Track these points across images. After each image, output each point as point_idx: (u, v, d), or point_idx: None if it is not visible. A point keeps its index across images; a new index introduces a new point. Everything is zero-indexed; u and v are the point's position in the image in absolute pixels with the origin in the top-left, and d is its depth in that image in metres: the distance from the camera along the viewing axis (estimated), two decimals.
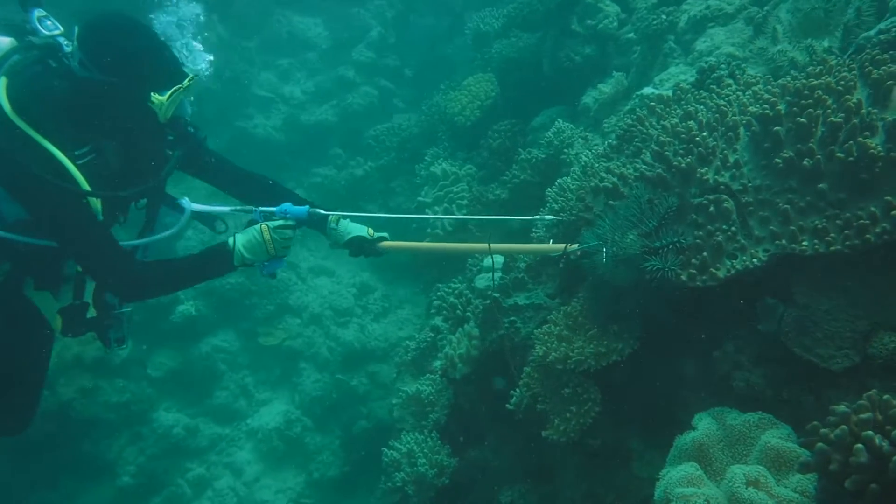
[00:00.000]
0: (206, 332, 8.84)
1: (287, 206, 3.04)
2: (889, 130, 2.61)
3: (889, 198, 2.51)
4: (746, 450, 2.84)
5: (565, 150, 5.36)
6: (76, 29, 2.74)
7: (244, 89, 10.44)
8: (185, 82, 2.76)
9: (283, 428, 8.30)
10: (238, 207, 3.14)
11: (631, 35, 5.87)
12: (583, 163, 4.25)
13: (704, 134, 3.11)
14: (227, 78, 9.96)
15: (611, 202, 3.49)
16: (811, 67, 3.08)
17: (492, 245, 3.29)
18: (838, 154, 2.65)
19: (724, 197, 2.98)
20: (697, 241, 3.00)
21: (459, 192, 6.36)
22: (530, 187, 5.72)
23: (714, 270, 2.92)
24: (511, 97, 7.02)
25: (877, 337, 2.60)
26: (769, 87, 3.19)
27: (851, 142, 2.63)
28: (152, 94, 2.69)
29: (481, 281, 5.43)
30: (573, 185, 4.27)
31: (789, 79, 3.08)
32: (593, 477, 3.85)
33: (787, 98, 2.90)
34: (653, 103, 3.74)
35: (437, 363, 4.96)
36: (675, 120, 3.40)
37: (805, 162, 2.73)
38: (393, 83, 11.11)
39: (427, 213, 6.37)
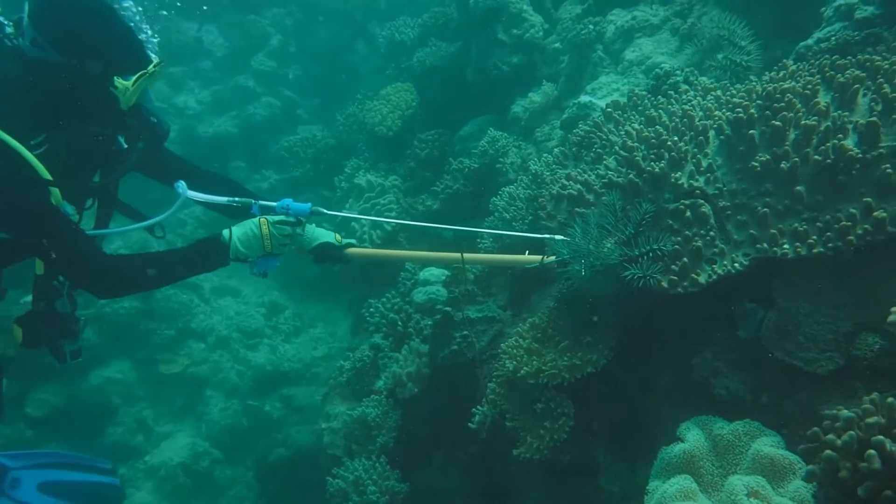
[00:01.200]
0: (97, 362, 8.06)
1: (288, 201, 2.84)
2: (861, 133, 2.65)
3: (868, 199, 2.54)
4: (737, 459, 2.79)
5: (500, 160, 5.27)
6: (27, 4, 2.43)
7: None
8: (151, 67, 2.57)
9: (190, 462, 7.70)
10: (236, 199, 2.85)
11: (557, 45, 5.89)
12: (532, 171, 4.15)
13: (676, 138, 3.07)
14: None
15: (577, 209, 3.40)
16: (773, 72, 3.11)
17: (465, 255, 3.11)
18: (815, 157, 2.67)
19: (701, 201, 2.95)
20: (676, 246, 2.95)
21: (387, 204, 6.13)
22: (463, 197, 5.60)
23: (695, 276, 2.87)
24: (433, 107, 6.89)
25: (860, 338, 2.62)
26: (732, 91, 3.20)
27: (828, 144, 2.65)
28: (115, 78, 2.51)
29: (419, 295, 5.22)
30: (523, 193, 4.17)
31: (757, 83, 3.10)
32: (558, 494, 3.73)
33: (758, 102, 2.91)
34: (609, 109, 3.70)
35: (381, 383, 4.71)
36: (639, 125, 3.36)
37: (783, 165, 2.73)
38: (296, 93, 10.72)
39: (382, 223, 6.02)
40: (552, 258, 3.18)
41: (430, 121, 6.81)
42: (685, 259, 2.91)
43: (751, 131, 2.84)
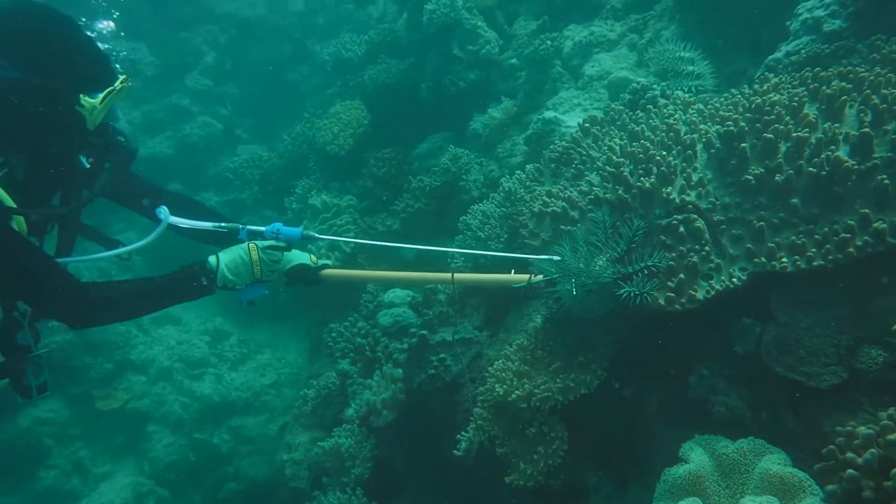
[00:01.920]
0: (26, 402, 7.48)
1: (278, 225, 2.73)
2: (853, 144, 2.66)
3: (866, 210, 2.54)
4: (743, 479, 2.73)
5: (463, 177, 5.16)
6: None
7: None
8: (118, 84, 2.44)
9: (133, 503, 7.24)
10: (222, 224, 2.74)
11: (514, 61, 5.85)
12: (506, 188, 4.05)
13: (664, 153, 3.02)
14: None
15: (563, 227, 3.31)
16: (756, 85, 3.11)
17: (455, 275, 2.96)
18: (810, 169, 2.65)
19: (694, 216, 2.90)
20: (671, 263, 2.89)
21: (343, 224, 5.93)
22: (425, 216, 5.46)
23: (693, 292, 2.81)
24: (385, 124, 6.74)
25: (863, 351, 2.61)
26: (716, 105, 3.18)
27: (822, 156, 2.65)
28: (82, 96, 2.35)
29: (385, 317, 5.03)
30: (497, 211, 4.06)
31: (741, 96, 3.09)
32: None
33: (747, 115, 2.89)
34: (587, 124, 3.64)
35: (351, 411, 4.50)
36: (621, 140, 3.30)
37: (777, 177, 2.71)
38: (234, 112, 10.38)
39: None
40: (540, 277, 3.07)
41: (383, 139, 6.66)
42: (681, 275, 2.85)
43: (742, 144, 2.82)
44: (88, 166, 2.58)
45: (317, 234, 2.83)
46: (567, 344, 3.28)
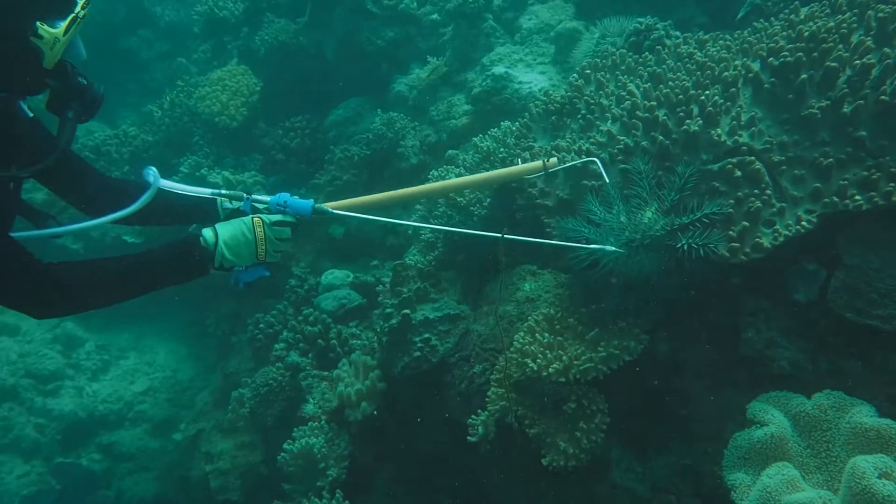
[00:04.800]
0: None
1: (285, 195, 2.28)
2: None
3: None
4: (826, 437, 2.55)
5: (401, 143, 4.64)
6: None
7: None
8: (80, 9, 1.92)
9: None
10: (223, 191, 2.33)
11: (435, 16, 5.38)
12: (484, 148, 3.61)
13: (709, 92, 2.74)
14: None
15: (585, 182, 2.95)
16: (793, 16, 2.91)
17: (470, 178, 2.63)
18: (881, 97, 2.48)
19: (751, 158, 2.65)
20: (730, 210, 2.63)
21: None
22: (355, 188, 4.86)
23: (759, 240, 2.57)
24: (283, 91, 5.97)
25: None
26: (746, 39, 2.95)
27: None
28: (38, 24, 1.82)
29: (328, 301, 4.44)
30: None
31: (779, 26, 2.88)
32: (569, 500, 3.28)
33: (800, 45, 2.67)
34: (588, 71, 3.29)
35: (310, 407, 3.90)
36: (645, 84, 2.99)
37: (845, 109, 2.52)
38: None
39: None
40: (555, 161, 2.75)
41: (281, 107, 5.91)
42: (745, 223, 2.59)
43: (802, 76, 2.60)
44: (31, 115, 2.02)
45: (329, 209, 2.33)
46: (605, 309, 2.94)
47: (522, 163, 3.09)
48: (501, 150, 3.56)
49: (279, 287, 4.89)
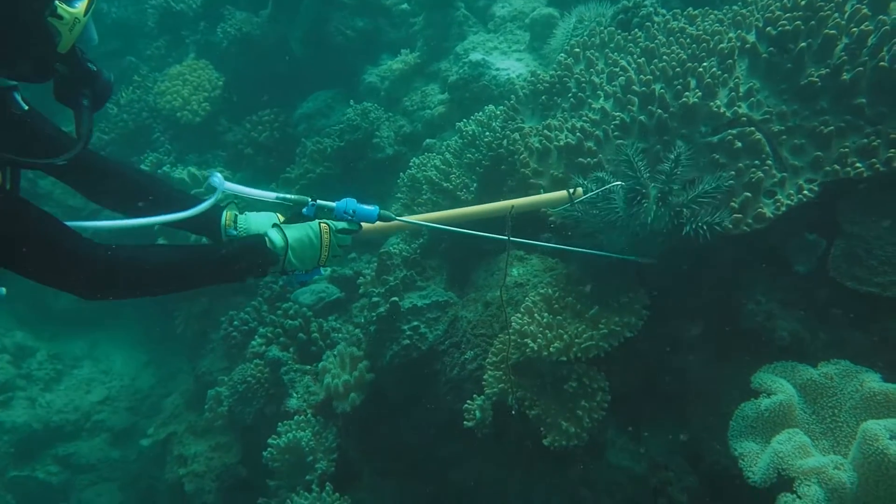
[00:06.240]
0: None
1: (350, 201, 2.24)
2: None
3: None
4: (833, 403, 2.55)
5: (377, 133, 4.53)
6: None
7: None
8: None
9: None
10: (289, 196, 2.18)
11: (405, 6, 5.29)
12: (469, 132, 3.54)
13: (706, 64, 2.72)
14: None
15: (581, 160, 2.90)
16: None
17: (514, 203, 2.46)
18: (881, 64, 2.50)
19: (751, 129, 2.64)
20: (731, 181, 2.61)
21: (224, 199, 4.95)
22: (329, 181, 4.73)
23: (761, 210, 2.56)
24: (247, 85, 5.79)
25: None
26: (737, 11, 2.95)
27: (895, 47, 2.49)
28: (57, 4, 1.66)
29: (306, 296, 4.30)
30: (459, 161, 3.55)
31: None
32: (564, 481, 3.22)
33: (797, 13, 2.68)
34: (577, 49, 3.25)
35: (294, 402, 3.77)
36: (639, 59, 2.96)
37: (844, 76, 2.53)
38: None
39: None
40: (580, 192, 2.64)
41: (246, 102, 5.74)
42: (747, 193, 2.58)
43: (800, 44, 2.60)
44: (26, 108, 1.87)
45: (394, 216, 2.30)
46: (604, 287, 2.89)
47: (513, 144, 3.04)
48: (487, 133, 3.49)
49: (250, 284, 4.72)
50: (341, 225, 2.21)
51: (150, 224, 2.07)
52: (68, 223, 1.76)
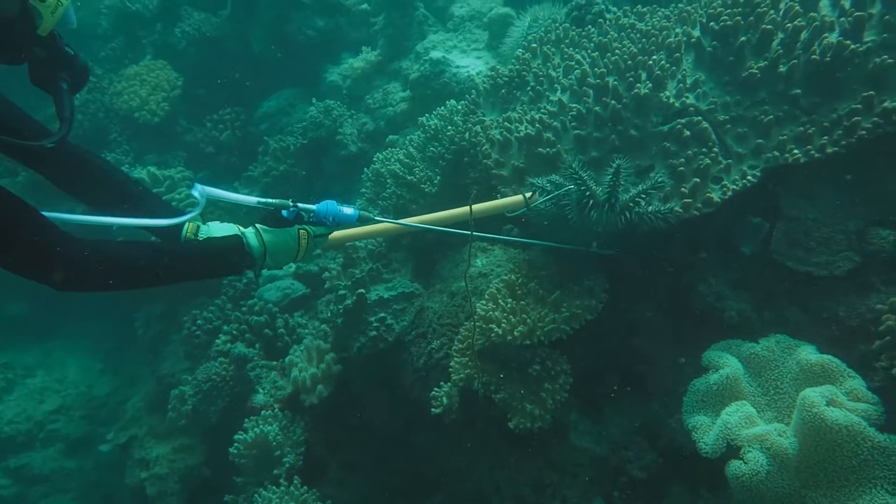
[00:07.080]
0: None
1: (330, 204, 2.27)
2: (845, 29, 2.71)
3: (870, 92, 2.60)
4: (775, 375, 2.71)
5: (340, 130, 4.60)
6: None
7: None
8: None
9: None
10: (270, 200, 2.20)
11: (365, 6, 5.36)
12: (432, 126, 3.63)
13: (655, 57, 2.87)
14: None
15: (540, 150, 3.03)
16: None
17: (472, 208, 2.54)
18: (813, 57, 2.67)
19: (698, 118, 2.79)
20: (681, 168, 2.76)
21: (184, 199, 4.95)
22: (293, 178, 4.77)
23: (709, 195, 2.71)
24: (206, 85, 5.79)
25: (872, 233, 2.69)
26: (682, 9, 3.11)
27: (824, 42, 2.66)
28: None
29: (271, 292, 4.33)
30: (422, 154, 3.64)
31: None
32: (527, 465, 3.32)
33: (737, 10, 2.84)
34: (534, 45, 3.38)
35: (261, 397, 3.79)
36: (594, 53, 3.10)
37: (780, 69, 2.70)
38: None
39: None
40: (536, 196, 2.76)
41: (206, 102, 5.73)
42: (696, 179, 2.73)
43: (741, 39, 2.77)
44: None
45: (375, 217, 2.38)
46: (565, 271, 3.01)
47: (475, 137, 3.14)
48: (449, 128, 3.59)
49: (212, 284, 4.72)
50: (320, 230, 2.27)
51: (130, 225, 2.05)
52: (45, 213, 1.76)
